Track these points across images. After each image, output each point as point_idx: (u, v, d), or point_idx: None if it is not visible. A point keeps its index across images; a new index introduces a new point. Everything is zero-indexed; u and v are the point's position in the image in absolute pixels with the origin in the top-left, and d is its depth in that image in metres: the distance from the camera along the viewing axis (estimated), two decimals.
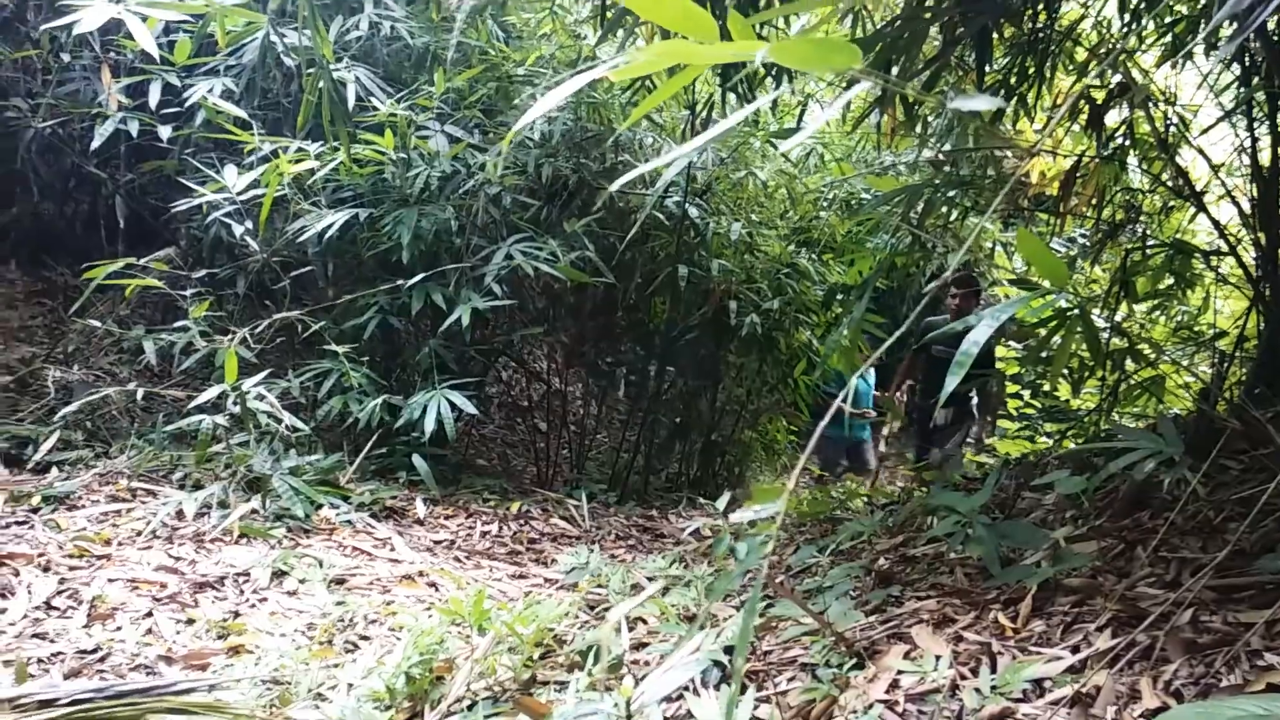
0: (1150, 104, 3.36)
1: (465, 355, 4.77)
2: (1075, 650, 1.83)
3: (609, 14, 4.03)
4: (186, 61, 4.40)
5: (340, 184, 4.56)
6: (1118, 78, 3.42)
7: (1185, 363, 4.07)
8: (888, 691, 1.86)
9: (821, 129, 6.33)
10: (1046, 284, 1.79)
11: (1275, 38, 2.94)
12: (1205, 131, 3.64)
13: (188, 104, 4.51)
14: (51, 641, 2.50)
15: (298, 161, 4.24)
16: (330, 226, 4.24)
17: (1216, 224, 3.18)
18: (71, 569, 2.92)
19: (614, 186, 1.34)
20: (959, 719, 1.67)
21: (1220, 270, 3.70)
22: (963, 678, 1.84)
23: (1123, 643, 1.75)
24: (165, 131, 4.60)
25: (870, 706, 1.80)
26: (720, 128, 1.35)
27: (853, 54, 1.11)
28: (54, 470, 3.72)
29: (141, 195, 5.31)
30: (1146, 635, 1.75)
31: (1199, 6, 3.23)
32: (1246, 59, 3.14)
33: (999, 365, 5.40)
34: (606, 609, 2.87)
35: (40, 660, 2.40)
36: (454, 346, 4.59)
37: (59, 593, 2.76)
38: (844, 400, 1.42)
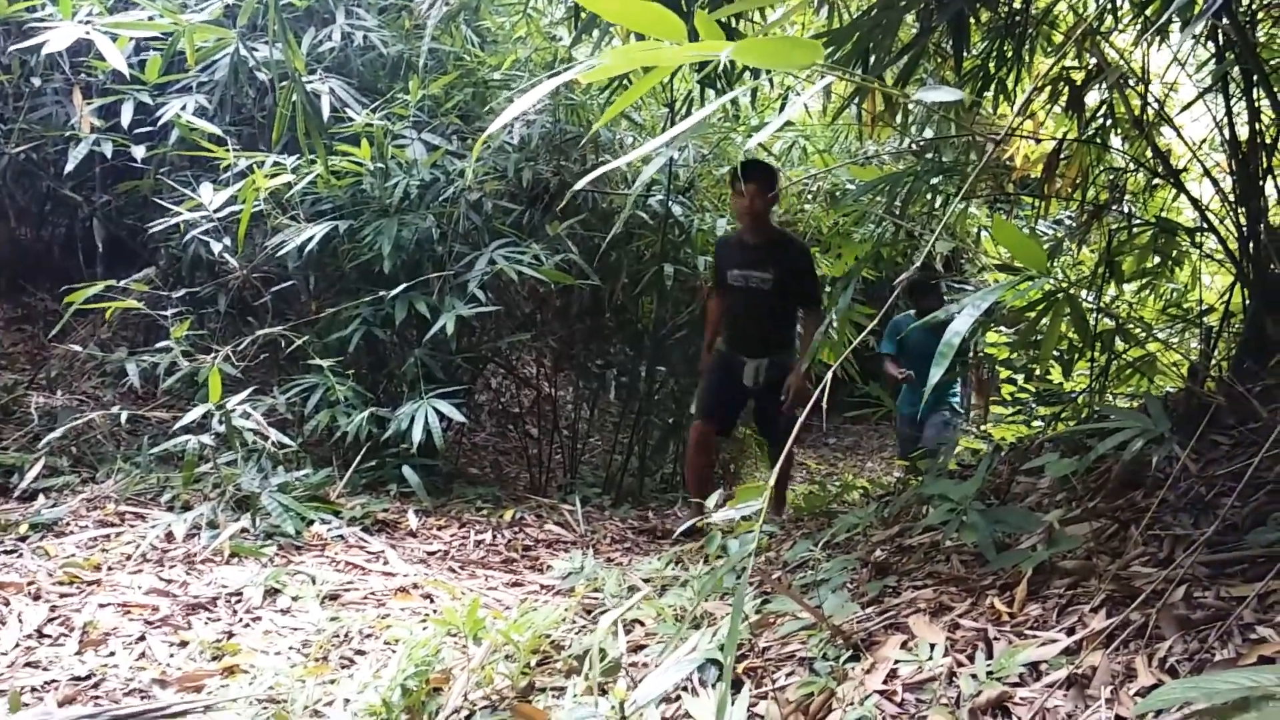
0: (1126, 84, 3.36)
1: (452, 364, 4.75)
2: (1070, 632, 1.83)
3: (583, 15, 4.02)
4: (158, 80, 4.38)
5: (319, 196, 4.53)
6: (1095, 59, 3.42)
7: (1174, 341, 4.08)
8: (885, 682, 1.85)
9: (803, 120, 6.32)
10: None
11: (1244, 15, 2.94)
12: (1185, 109, 3.64)
13: (161, 123, 4.48)
14: (45, 669, 2.47)
15: (274, 176, 4.21)
16: (310, 240, 4.22)
17: (1195, 202, 3.18)
18: (62, 596, 2.89)
19: (581, 183, 1.33)
20: (956, 706, 1.66)
21: (1204, 247, 3.70)
22: (959, 664, 1.83)
23: (1117, 622, 1.74)
24: (139, 152, 4.57)
25: (868, 697, 1.78)
26: (691, 120, 1.33)
27: (814, 50, 1.10)
28: (41, 497, 3.70)
29: (119, 217, 5.28)
30: (1140, 614, 1.74)
31: None
32: (1220, 35, 3.14)
33: (990, 351, 5.39)
34: (603, 613, 2.85)
35: (34, 689, 2.37)
36: (440, 355, 4.57)
37: (50, 620, 2.73)
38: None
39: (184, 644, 2.68)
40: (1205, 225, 3.17)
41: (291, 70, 3.36)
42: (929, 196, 3.98)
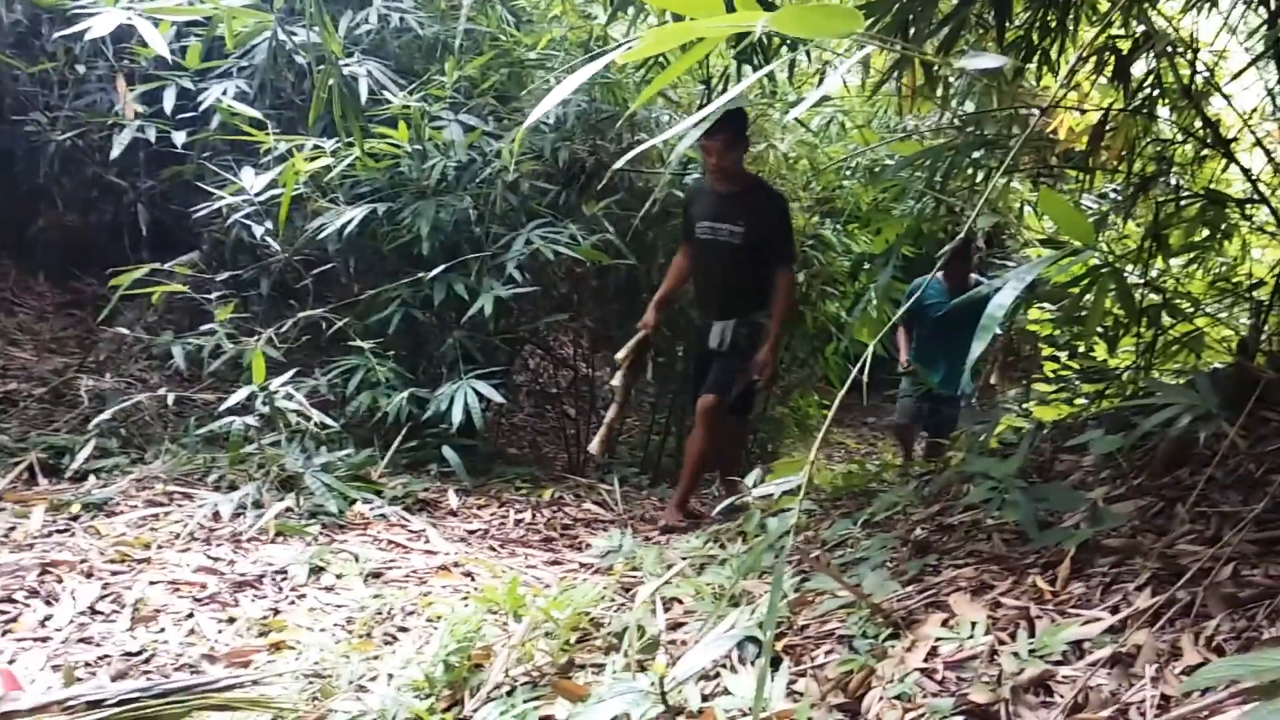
0: (1174, 52, 3.27)
1: (490, 345, 4.77)
2: (1115, 610, 1.80)
3: None
4: (199, 65, 4.42)
5: (358, 179, 4.56)
6: (1142, 27, 3.33)
7: (1223, 315, 3.99)
8: (926, 660, 1.84)
9: (842, 95, 6.25)
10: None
11: None
12: (1235, 77, 3.55)
13: (202, 108, 4.53)
14: (97, 645, 2.54)
15: (313, 159, 4.25)
16: (349, 222, 4.25)
17: (1246, 173, 3.10)
18: (113, 574, 2.96)
19: (619, 164, 1.33)
20: (998, 684, 1.64)
21: (1255, 219, 3.61)
22: (1001, 643, 1.81)
23: (1162, 600, 1.71)
24: (180, 137, 4.63)
25: (908, 675, 1.78)
26: (725, 98, 1.33)
27: (854, 18, 1.09)
28: (91, 478, 3.78)
29: (163, 201, 5.36)
30: (1186, 592, 1.71)
31: None
32: (1272, 0, 3.05)
33: (1032, 328, 5.30)
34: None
35: (87, 664, 2.44)
36: (478, 336, 4.60)
37: (102, 597, 2.80)
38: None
39: (231, 620, 2.73)
40: (1256, 196, 3.09)
41: (328, 53, 3.37)
42: (970, 171, 3.91)
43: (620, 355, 4.24)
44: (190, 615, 2.74)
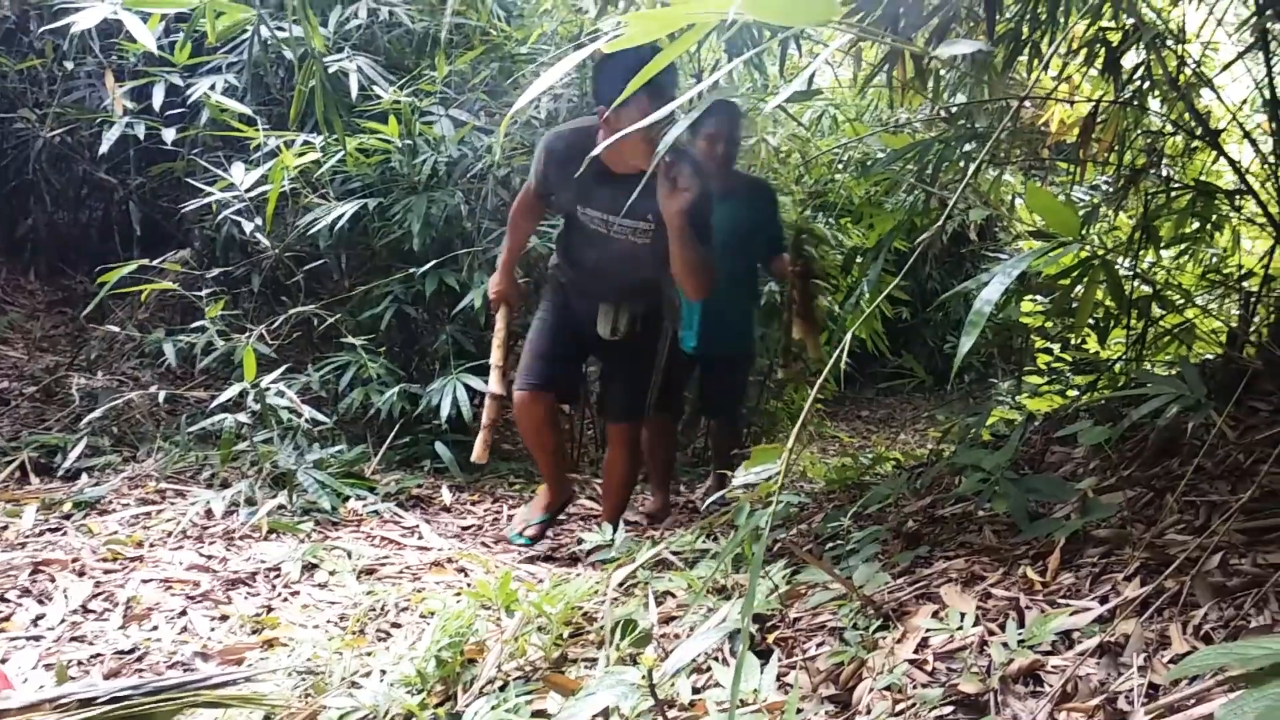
0: (1163, 44, 3.27)
1: (483, 340, 4.77)
2: (1104, 600, 1.81)
3: None
4: (188, 61, 4.41)
5: (348, 175, 4.56)
6: (1131, 19, 3.34)
7: (1213, 307, 4.00)
8: (916, 651, 1.84)
9: (834, 89, 6.25)
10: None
11: None
12: (1224, 69, 3.55)
13: (190, 103, 4.51)
14: (90, 644, 2.53)
15: (301, 155, 4.24)
16: (340, 218, 4.25)
17: (1234, 164, 3.10)
18: (106, 572, 2.96)
19: (596, 151, 1.32)
20: (987, 674, 1.65)
21: (1244, 210, 3.62)
22: (991, 633, 1.82)
23: (1151, 590, 1.72)
24: (170, 133, 4.61)
25: (898, 666, 1.78)
26: (708, 81, 1.33)
27: (829, 6, 1.09)
28: (83, 476, 3.77)
29: (153, 198, 5.35)
30: (1175, 581, 1.72)
31: None
32: None
33: (1024, 320, 5.30)
34: (635, 585, 2.87)
35: (79, 662, 2.43)
36: (471, 331, 4.59)
37: (94, 596, 2.80)
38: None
39: (224, 618, 2.73)
40: (1245, 188, 3.09)
41: (310, 48, 3.35)
42: (961, 164, 3.92)
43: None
44: (183, 613, 2.74)
